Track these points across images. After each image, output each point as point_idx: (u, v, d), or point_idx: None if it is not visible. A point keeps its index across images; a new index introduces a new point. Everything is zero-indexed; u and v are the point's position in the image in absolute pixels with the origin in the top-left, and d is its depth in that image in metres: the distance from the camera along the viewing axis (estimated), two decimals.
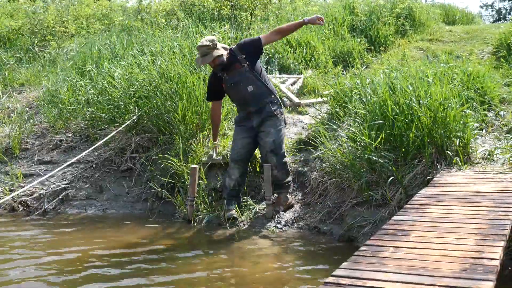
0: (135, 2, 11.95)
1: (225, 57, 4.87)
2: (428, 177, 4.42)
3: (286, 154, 5.05)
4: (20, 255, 4.30)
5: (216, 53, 4.80)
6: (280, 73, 7.77)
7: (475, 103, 5.55)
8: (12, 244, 4.66)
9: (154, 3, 11.77)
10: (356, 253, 2.58)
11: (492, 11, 28.47)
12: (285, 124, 5.16)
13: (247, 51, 4.90)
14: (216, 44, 4.83)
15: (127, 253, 4.29)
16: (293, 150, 5.63)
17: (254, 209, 5.05)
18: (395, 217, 3.22)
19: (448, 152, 4.62)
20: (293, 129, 6.16)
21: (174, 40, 8.06)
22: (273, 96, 4.97)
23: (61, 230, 5.14)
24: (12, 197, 5.70)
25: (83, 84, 7.34)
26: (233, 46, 5.01)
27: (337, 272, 2.32)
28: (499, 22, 25.54)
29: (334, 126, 5.47)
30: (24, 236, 4.92)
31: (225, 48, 4.93)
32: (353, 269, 2.34)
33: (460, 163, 4.52)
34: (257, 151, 5.24)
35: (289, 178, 5.05)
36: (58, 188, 6.05)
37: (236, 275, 3.77)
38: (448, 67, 6.35)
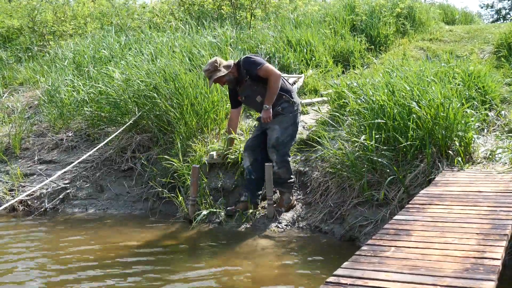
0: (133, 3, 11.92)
1: (231, 75, 4.95)
2: (429, 177, 4.42)
3: (289, 154, 5.04)
4: (20, 255, 4.30)
5: (215, 76, 4.87)
6: None
7: (476, 103, 5.55)
8: (12, 244, 4.66)
9: (151, 4, 11.76)
10: (357, 252, 2.58)
11: (492, 10, 28.45)
12: (297, 121, 5.06)
13: (246, 69, 4.93)
14: (216, 66, 4.89)
15: (127, 253, 4.29)
16: (293, 149, 5.62)
17: (256, 209, 5.04)
18: (396, 217, 3.21)
19: (450, 151, 4.62)
20: None
21: (174, 40, 8.05)
22: (284, 96, 4.97)
23: (62, 229, 5.14)
24: (16, 200, 5.68)
25: (82, 84, 7.34)
26: (241, 58, 5.02)
27: (338, 271, 2.32)
28: (499, 22, 25.52)
29: (335, 126, 5.47)
30: (24, 236, 4.92)
31: (228, 66, 4.95)
32: (354, 269, 2.34)
33: (461, 163, 4.52)
34: None
35: (292, 179, 5.04)
36: (59, 187, 6.04)
37: (237, 275, 3.77)
38: (449, 66, 6.35)
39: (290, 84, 5.27)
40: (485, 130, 5.33)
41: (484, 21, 23.25)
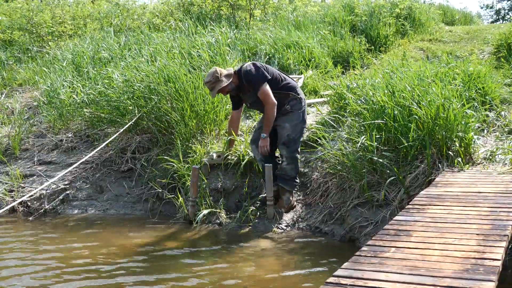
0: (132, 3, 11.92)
1: (233, 84, 4.93)
2: (429, 178, 4.41)
3: (299, 151, 5.03)
4: (19, 256, 4.30)
5: (218, 86, 4.84)
6: None
7: (476, 104, 5.55)
8: (12, 245, 4.65)
9: (150, 5, 11.77)
10: (357, 253, 2.58)
11: (491, 11, 28.47)
12: (305, 117, 5.07)
13: (247, 83, 4.90)
14: (217, 77, 4.84)
15: (127, 254, 4.29)
16: None
17: (256, 210, 5.03)
18: (396, 218, 3.21)
19: (450, 152, 4.62)
20: None
21: (173, 41, 8.04)
22: (290, 94, 4.97)
23: (61, 230, 5.14)
24: (18, 202, 5.68)
25: (81, 85, 7.33)
26: (243, 66, 4.94)
27: (338, 272, 2.32)
28: (498, 22, 25.55)
29: (335, 126, 5.46)
30: (24, 237, 4.91)
31: (229, 75, 4.90)
32: (354, 269, 2.34)
33: (461, 164, 4.52)
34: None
35: (298, 179, 5.03)
36: (58, 188, 6.04)
37: (237, 276, 3.77)
38: (449, 67, 6.35)
39: (294, 80, 5.25)
40: (485, 131, 5.33)
41: (484, 21, 23.28)
